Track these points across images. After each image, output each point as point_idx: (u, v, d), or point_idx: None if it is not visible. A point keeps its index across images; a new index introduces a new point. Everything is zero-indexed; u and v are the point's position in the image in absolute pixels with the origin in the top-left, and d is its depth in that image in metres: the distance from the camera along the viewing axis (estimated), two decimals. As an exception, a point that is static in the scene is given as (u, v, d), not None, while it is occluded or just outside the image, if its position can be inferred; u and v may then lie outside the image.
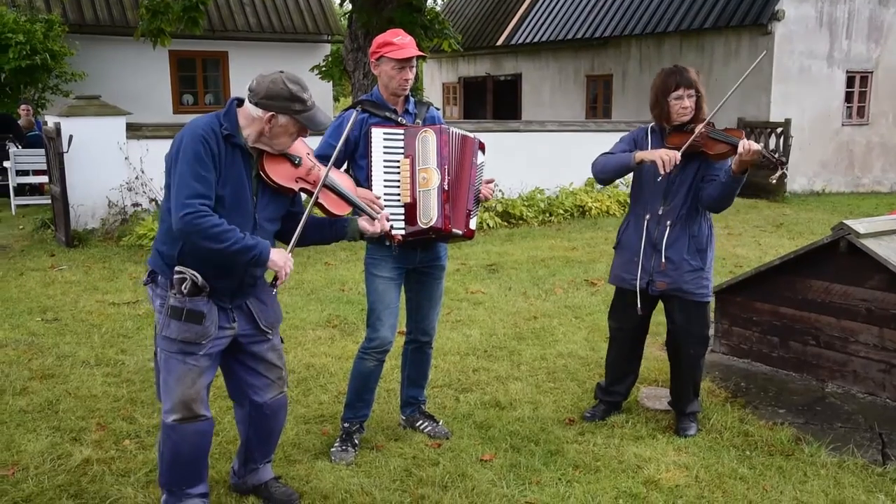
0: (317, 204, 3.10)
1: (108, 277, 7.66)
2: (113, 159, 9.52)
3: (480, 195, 3.79)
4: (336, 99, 26.65)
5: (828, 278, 4.74)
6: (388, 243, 3.36)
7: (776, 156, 3.80)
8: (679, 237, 3.92)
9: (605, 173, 3.96)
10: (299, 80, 2.93)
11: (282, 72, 2.94)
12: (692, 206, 3.92)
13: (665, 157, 3.71)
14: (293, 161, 3.04)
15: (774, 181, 3.78)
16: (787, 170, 3.78)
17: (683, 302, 3.98)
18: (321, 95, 16.93)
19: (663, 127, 3.96)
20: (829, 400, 4.57)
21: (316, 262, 8.49)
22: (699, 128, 3.83)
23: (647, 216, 3.95)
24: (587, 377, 4.94)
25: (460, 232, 3.65)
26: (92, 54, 15.71)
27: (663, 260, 3.92)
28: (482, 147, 3.81)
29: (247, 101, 2.93)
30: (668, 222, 3.91)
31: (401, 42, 3.63)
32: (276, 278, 2.97)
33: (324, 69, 15.22)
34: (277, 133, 2.92)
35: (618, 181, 9.44)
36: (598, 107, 18.61)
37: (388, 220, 3.31)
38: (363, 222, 3.26)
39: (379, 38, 3.70)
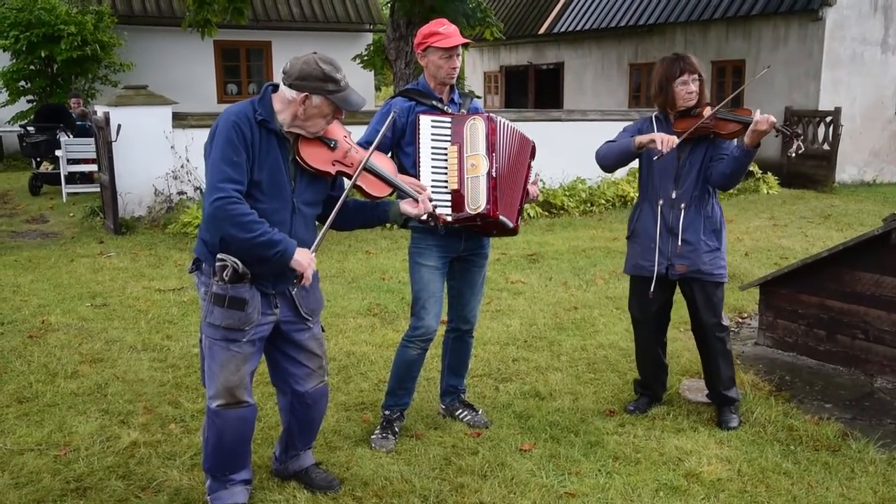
0: (356, 187, 3.08)
1: (154, 264, 7.78)
2: (159, 148, 9.64)
3: (529, 195, 3.81)
4: (378, 88, 26.72)
5: (879, 271, 4.64)
6: (433, 223, 3.35)
7: (791, 129, 3.81)
8: (694, 219, 3.93)
9: (607, 160, 3.97)
10: (332, 60, 2.93)
11: (315, 53, 2.94)
12: (703, 187, 3.94)
13: (664, 138, 3.73)
14: (329, 144, 3.03)
15: (793, 154, 3.78)
16: (802, 142, 3.74)
17: (702, 283, 3.97)
18: (363, 85, 16.97)
19: (668, 114, 3.97)
20: (879, 395, 4.47)
21: (357, 250, 8.53)
22: (709, 112, 3.85)
23: (661, 201, 3.95)
24: (628, 368, 4.90)
25: (509, 222, 3.64)
26: (139, 45, 15.97)
27: (680, 243, 3.91)
28: (535, 151, 3.84)
29: (281, 85, 2.93)
30: (683, 205, 3.92)
31: (446, 31, 3.64)
32: (298, 277, 2.93)
33: (365, 58, 15.26)
34: (312, 114, 2.91)
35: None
36: (641, 95, 18.38)
37: (430, 200, 3.29)
38: (405, 205, 3.24)
39: (424, 29, 3.71)
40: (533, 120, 11.71)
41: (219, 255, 2.90)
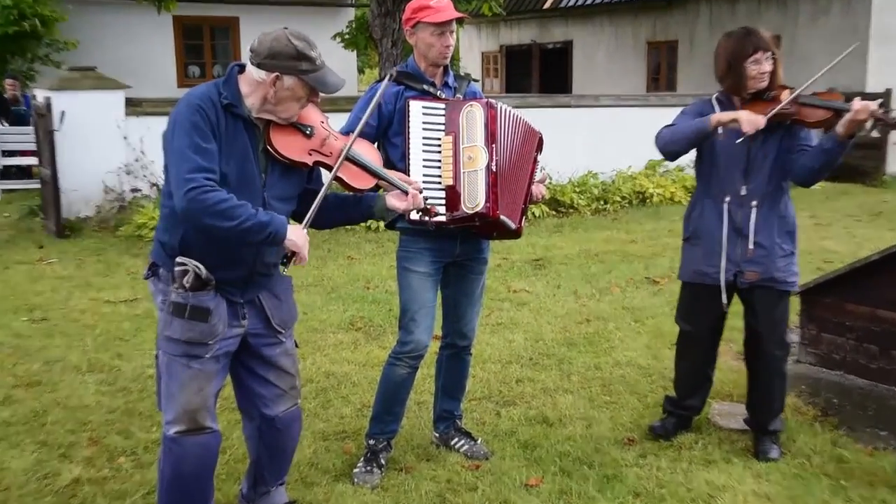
0: (336, 178, 3.09)
1: (104, 272, 7.73)
2: (110, 139, 9.62)
3: (533, 195, 3.82)
4: (361, 70, 26.78)
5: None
6: (425, 219, 3.35)
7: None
8: (767, 219, 3.92)
9: (675, 143, 3.93)
10: (306, 36, 2.95)
11: (286, 28, 2.96)
12: (778, 183, 3.93)
13: (749, 116, 3.70)
14: (304, 131, 3.04)
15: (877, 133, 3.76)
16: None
17: (772, 293, 3.96)
18: (344, 67, 16.96)
19: (730, 98, 3.96)
20: (939, 420, 4.44)
21: (337, 255, 8.51)
22: (787, 95, 3.81)
23: (728, 198, 3.95)
24: (649, 390, 4.89)
25: (511, 223, 3.64)
26: (86, 20, 15.90)
27: (751, 246, 3.90)
28: (542, 143, 3.83)
29: (248, 64, 2.94)
30: (754, 203, 3.91)
31: (438, 4, 3.64)
32: (289, 257, 2.94)
33: (347, 37, 15.27)
34: (283, 97, 2.92)
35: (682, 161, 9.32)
36: (660, 78, 18.44)
37: (421, 192, 3.29)
38: (393, 199, 3.24)
39: (413, 3, 3.72)
40: (537, 106, 11.71)
41: (178, 259, 2.89)
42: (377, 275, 7.67)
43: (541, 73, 22.00)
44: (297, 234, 2.90)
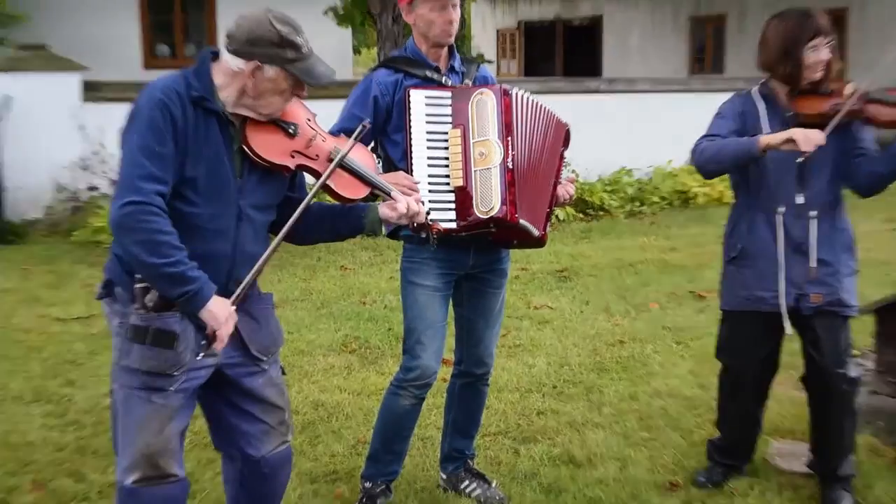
0: (323, 187, 3.09)
1: (53, 284, 7.75)
2: (64, 129, 9.66)
3: (559, 196, 3.83)
4: (357, 51, 26.81)
5: None
6: (423, 235, 3.36)
7: None
8: (830, 232, 3.91)
9: (717, 164, 3.90)
10: (291, 20, 2.95)
11: (269, 9, 2.95)
12: (838, 190, 3.94)
13: (805, 134, 3.66)
14: (287, 130, 3.04)
15: None
16: None
17: (836, 319, 3.94)
18: (337, 47, 17.01)
19: (775, 91, 3.94)
20: None
21: (328, 265, 8.53)
22: (849, 90, 3.79)
23: (782, 209, 3.92)
24: (694, 424, 4.87)
25: (533, 229, 3.62)
26: (37, -9, 15.95)
27: (813, 264, 3.88)
28: (568, 137, 3.84)
29: (223, 51, 2.94)
30: (813, 214, 3.89)
31: None
32: (206, 339, 2.88)
33: (341, 12, 15.30)
34: (264, 90, 2.92)
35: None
36: (705, 59, 18.48)
37: (423, 203, 3.29)
38: (387, 209, 3.22)
39: None
40: (562, 92, 11.77)
41: (139, 275, 2.86)
42: (375, 288, 7.68)
43: (565, 55, 22.09)
44: (219, 307, 2.85)
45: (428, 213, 3.30)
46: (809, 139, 3.63)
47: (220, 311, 2.84)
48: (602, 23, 20.80)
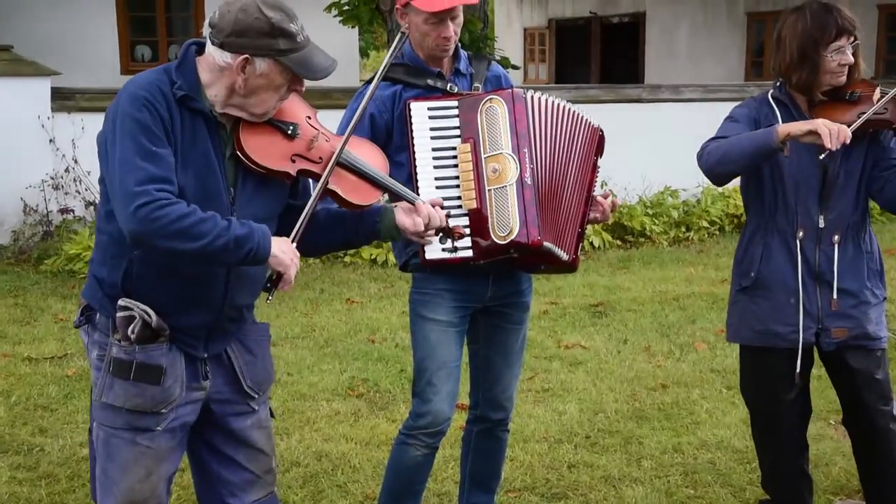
0: (328, 192, 3.07)
1: (22, 319, 7.76)
2: (31, 142, 9.69)
3: (594, 213, 3.83)
4: (364, 53, 26.77)
5: None
6: (450, 244, 3.31)
7: None
8: (855, 257, 3.91)
9: (727, 163, 3.80)
10: (283, 4, 2.91)
11: None
12: (864, 209, 3.94)
13: (830, 127, 3.57)
14: (285, 130, 3.01)
15: None
16: None
17: (865, 352, 3.94)
18: (341, 48, 16.98)
19: (793, 98, 3.90)
20: None
21: (333, 297, 8.54)
22: (878, 95, 3.76)
23: (800, 233, 3.91)
24: (747, 481, 4.86)
25: (562, 253, 3.64)
26: (2, -14, 16.05)
27: (835, 296, 3.88)
28: (602, 143, 3.83)
29: (208, 44, 2.92)
30: (836, 238, 3.89)
31: None
32: (274, 280, 2.94)
33: (346, 8, 15.36)
34: (256, 87, 2.89)
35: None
36: (765, 61, 18.40)
37: (443, 207, 3.27)
38: (403, 215, 3.19)
39: None
40: (598, 101, 11.74)
41: (121, 302, 2.88)
42: (385, 324, 7.68)
43: (603, 57, 22.07)
44: (283, 248, 2.90)
45: (448, 216, 3.28)
46: (836, 133, 3.53)
47: (285, 252, 2.90)
48: (644, 20, 20.76)
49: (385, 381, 6.37)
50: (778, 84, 3.94)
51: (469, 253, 3.54)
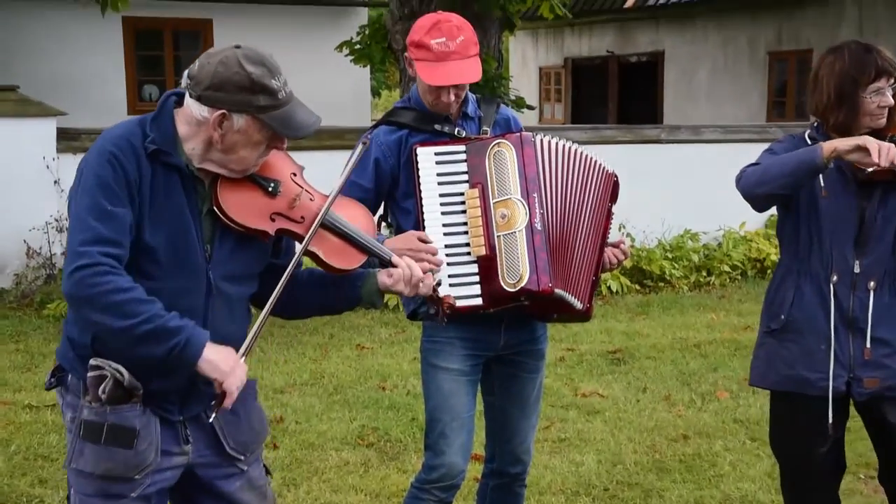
0: (308, 253, 3.04)
1: (23, 366, 7.76)
2: (36, 183, 9.72)
3: (607, 261, 3.84)
4: (376, 93, 26.86)
5: None
6: (433, 311, 3.30)
7: None
8: (891, 306, 3.86)
9: (768, 183, 3.76)
10: (265, 58, 2.89)
11: (238, 47, 2.90)
12: None
13: (879, 143, 3.54)
14: (266, 187, 2.99)
15: None
16: None
17: None
18: (352, 87, 17.11)
19: (830, 138, 3.81)
20: None
21: (342, 342, 8.55)
22: None
23: (834, 278, 3.87)
24: (772, 537, 4.84)
25: (575, 301, 3.65)
26: (6, 23, 16.16)
27: (868, 345, 3.84)
28: (617, 189, 3.85)
29: (187, 96, 2.91)
30: (871, 284, 3.85)
31: (440, 48, 3.61)
32: (215, 400, 2.86)
33: (357, 47, 15.43)
34: (233, 143, 2.87)
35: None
36: (787, 101, 18.40)
37: (432, 271, 3.28)
38: (384, 276, 3.18)
39: (416, 29, 3.71)
40: (616, 141, 11.80)
41: (92, 361, 2.84)
42: (396, 370, 7.67)
43: (620, 97, 22.11)
44: (222, 356, 2.81)
45: (438, 284, 3.27)
46: (885, 150, 3.50)
47: (221, 359, 2.80)
48: (663, 59, 20.79)
49: (396, 429, 6.36)
50: (815, 125, 3.93)
51: (478, 301, 3.56)
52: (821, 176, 3.76)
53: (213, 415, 2.90)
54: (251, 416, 3.16)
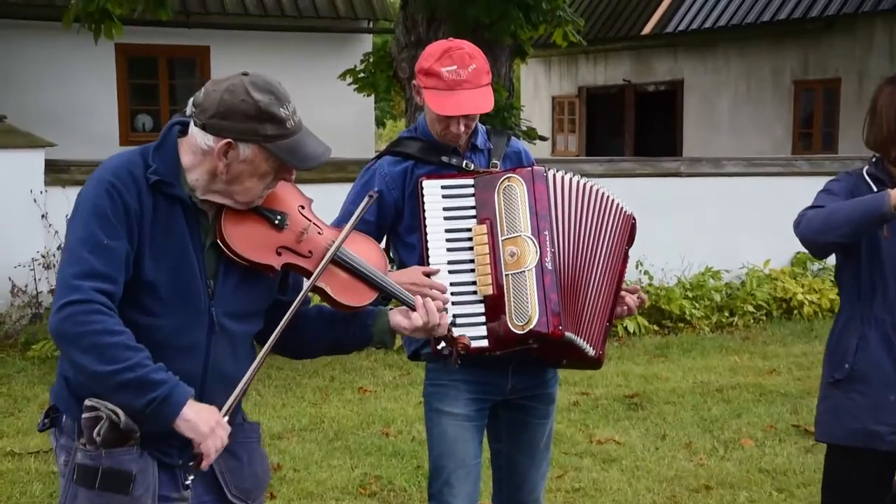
0: (316, 290, 3.04)
1: (5, 410, 7.76)
2: (22, 217, 9.75)
3: (622, 309, 3.83)
4: (380, 123, 27.06)
5: None
6: (446, 353, 3.26)
7: None
8: None
9: (832, 231, 3.75)
10: (274, 86, 2.91)
11: (245, 74, 2.93)
12: None
13: None
14: (272, 220, 3.00)
15: None
16: None
17: None
18: (356, 117, 17.19)
19: (892, 175, 3.86)
20: None
21: (344, 385, 8.53)
22: None
23: None
24: None
25: (587, 347, 3.64)
26: (-4, 50, 16.27)
27: None
28: (634, 232, 3.85)
29: (191, 125, 2.93)
30: None
31: (451, 76, 3.62)
32: (193, 459, 2.83)
33: (362, 75, 15.49)
34: (239, 173, 2.89)
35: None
36: (813, 133, 18.45)
37: (446, 309, 3.29)
38: (399, 316, 3.19)
39: (425, 56, 3.73)
40: (632, 174, 11.82)
41: (87, 402, 2.82)
42: (400, 415, 7.67)
43: (637, 128, 22.20)
44: (203, 415, 2.81)
45: (452, 325, 3.28)
46: None
47: (200, 419, 2.78)
48: (682, 88, 20.87)
49: (400, 478, 6.34)
50: (874, 160, 3.92)
51: (484, 343, 3.54)
52: None
53: (192, 477, 2.88)
54: (254, 461, 3.18)
